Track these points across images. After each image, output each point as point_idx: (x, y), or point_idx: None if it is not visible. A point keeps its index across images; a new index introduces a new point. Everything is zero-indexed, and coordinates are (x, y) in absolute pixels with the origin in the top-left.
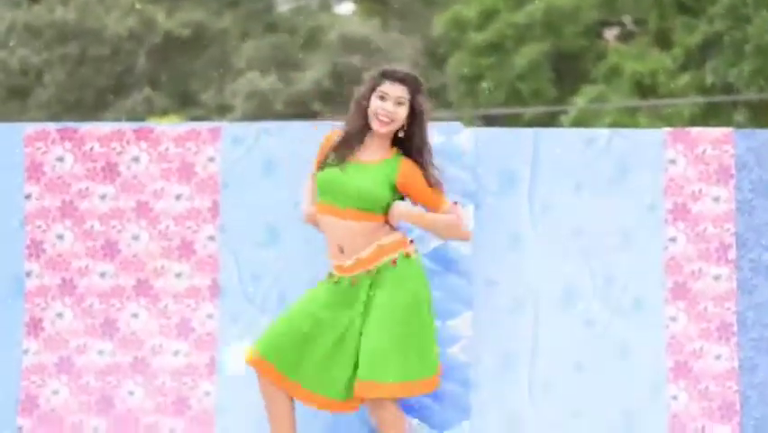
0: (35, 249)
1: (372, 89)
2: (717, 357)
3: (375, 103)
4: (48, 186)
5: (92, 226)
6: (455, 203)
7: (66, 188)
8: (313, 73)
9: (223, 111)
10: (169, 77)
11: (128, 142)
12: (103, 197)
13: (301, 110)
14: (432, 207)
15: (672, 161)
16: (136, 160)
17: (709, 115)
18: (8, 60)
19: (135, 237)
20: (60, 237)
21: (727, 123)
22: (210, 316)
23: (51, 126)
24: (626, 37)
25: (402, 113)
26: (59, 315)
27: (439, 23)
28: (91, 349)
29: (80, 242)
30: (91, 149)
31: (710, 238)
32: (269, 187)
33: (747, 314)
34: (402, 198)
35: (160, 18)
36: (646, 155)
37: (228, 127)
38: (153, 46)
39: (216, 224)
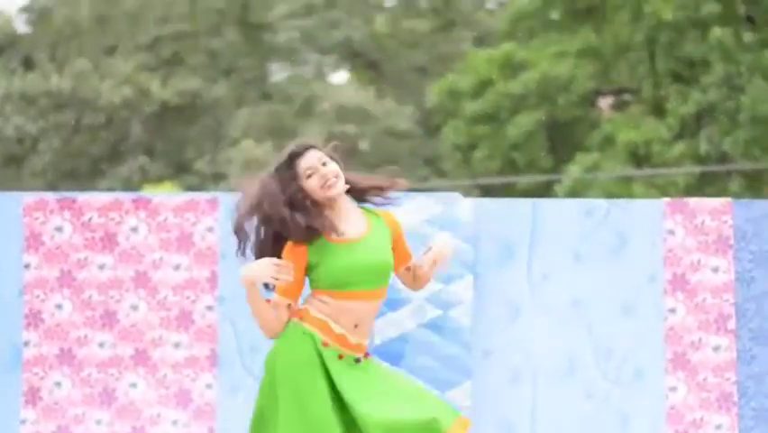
0: (33, 318)
1: (295, 180)
2: (718, 427)
3: (310, 183)
4: (47, 255)
5: (90, 296)
6: None
7: (65, 257)
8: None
9: (218, 179)
10: (163, 145)
11: (126, 212)
12: (101, 266)
13: None
14: (406, 258)
15: (671, 232)
16: (135, 230)
17: (704, 184)
18: (3, 128)
19: (134, 307)
20: (59, 307)
21: (723, 192)
22: (209, 386)
23: (50, 196)
24: (620, 106)
25: (334, 166)
26: (58, 384)
27: (433, 93)
28: (90, 419)
29: (79, 311)
30: (90, 219)
31: (710, 309)
32: None
33: (747, 384)
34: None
35: (154, 87)
36: (645, 226)
37: (225, 197)
38: (148, 115)
39: (215, 294)
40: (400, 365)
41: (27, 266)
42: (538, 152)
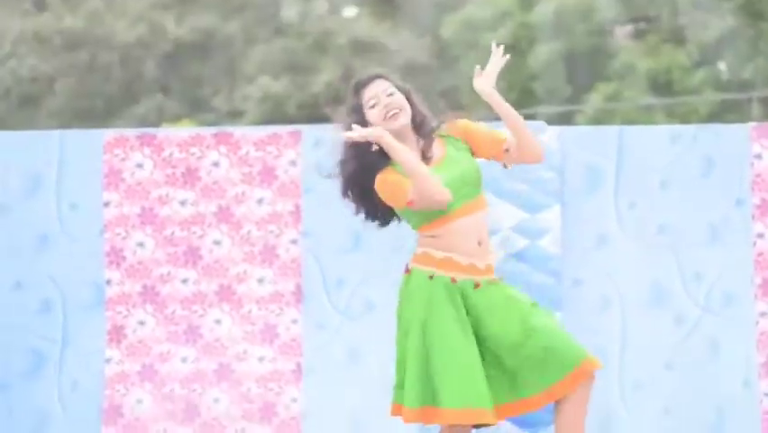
0: (115, 256)
1: (359, 111)
2: None
3: (373, 114)
4: (127, 193)
5: (173, 232)
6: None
7: (145, 194)
8: (324, 76)
9: (235, 116)
10: (179, 83)
11: (207, 147)
12: (183, 202)
13: (313, 113)
14: (498, 144)
15: (758, 156)
16: (216, 164)
17: (725, 111)
18: (18, 69)
19: (217, 242)
20: (141, 244)
21: (745, 118)
22: (295, 321)
23: (130, 133)
24: (638, 35)
25: (399, 97)
26: (141, 322)
27: (450, 25)
28: (175, 357)
29: (161, 248)
30: (170, 155)
31: None
32: None
33: None
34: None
35: (169, 25)
36: (732, 150)
37: (309, 130)
38: (163, 53)
39: (299, 228)
40: None
41: (107, 204)
42: (557, 82)
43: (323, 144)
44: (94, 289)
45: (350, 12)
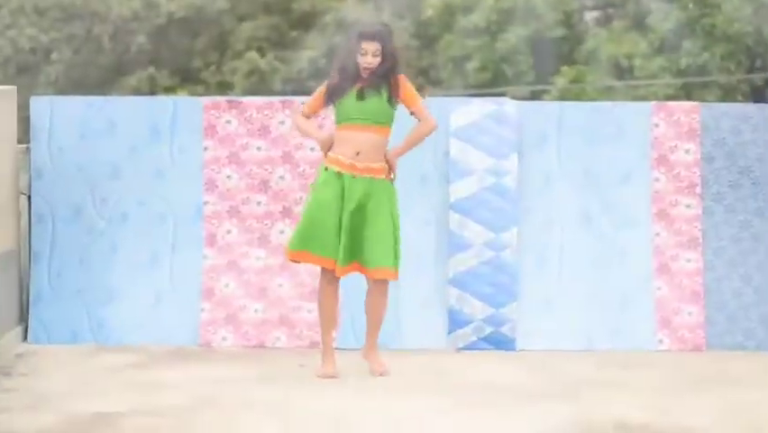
0: (210, 185)
1: (353, 51)
2: (688, 260)
3: (359, 59)
4: (220, 140)
5: (251, 170)
6: (425, 106)
7: (232, 142)
8: (309, 53)
9: (223, 87)
10: (170, 56)
11: (276, 110)
12: (258, 148)
13: (298, 87)
14: (411, 104)
15: (656, 125)
16: (282, 123)
17: (684, 96)
18: (17, 39)
19: (281, 177)
20: (228, 177)
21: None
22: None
23: (222, 99)
24: (605, 20)
25: (377, 61)
26: (228, 231)
27: (430, 7)
28: (251, 256)
29: (243, 180)
30: (250, 115)
31: (683, 178)
32: None
33: (709, 231)
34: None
35: (161, 0)
36: (637, 119)
37: None
38: (155, 27)
39: None
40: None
41: (206, 148)
42: (525, 65)
43: None
44: (195, 208)
45: None
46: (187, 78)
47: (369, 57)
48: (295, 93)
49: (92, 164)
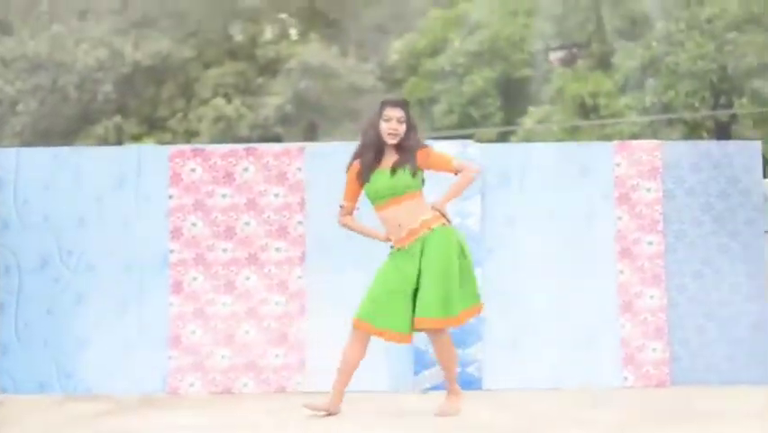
0: (176, 233)
1: (379, 116)
2: (652, 297)
3: (383, 125)
4: (185, 188)
5: (216, 217)
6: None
7: (197, 189)
8: (275, 98)
9: (190, 135)
10: (137, 104)
11: (240, 158)
12: (224, 195)
13: (265, 133)
14: (445, 167)
15: (618, 164)
16: (246, 169)
17: (650, 133)
18: None
19: (247, 223)
20: (194, 224)
21: (665, 139)
22: (300, 277)
23: (187, 147)
24: (570, 60)
25: (403, 129)
26: (194, 278)
27: (394, 52)
28: (218, 303)
29: (208, 228)
30: (215, 163)
31: (645, 216)
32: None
33: (672, 267)
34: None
35: (127, 50)
36: (600, 160)
37: (311, 147)
38: (121, 76)
39: (303, 213)
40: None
41: (171, 196)
42: (492, 108)
43: (319, 157)
44: (161, 256)
45: (297, 37)
46: (154, 126)
47: (393, 123)
48: (262, 138)
49: (58, 215)
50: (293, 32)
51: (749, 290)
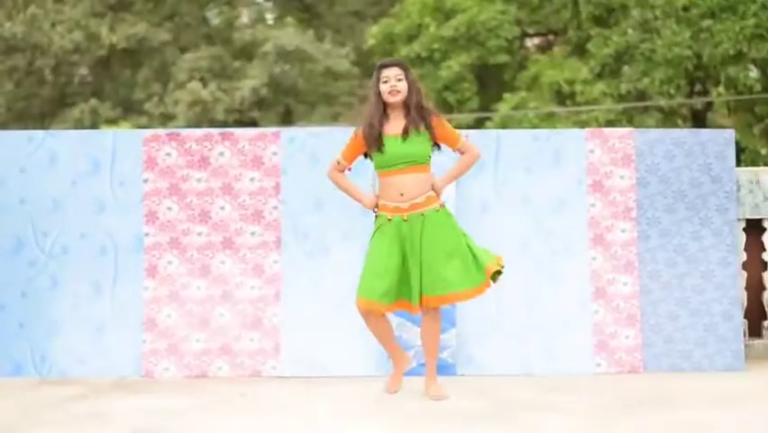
0: (151, 217)
1: (378, 80)
2: (625, 284)
3: (382, 87)
4: (160, 173)
5: (191, 201)
6: (466, 136)
7: (172, 174)
8: (251, 82)
9: (166, 119)
10: (112, 87)
11: (216, 142)
12: (199, 180)
13: (241, 117)
14: (452, 143)
15: (592, 151)
16: (222, 154)
17: (624, 121)
18: None
19: (222, 207)
20: (169, 208)
21: (641, 127)
22: (276, 261)
23: (162, 131)
24: (546, 47)
25: (403, 86)
26: (169, 262)
27: (371, 37)
28: (192, 286)
29: (183, 211)
30: (189, 147)
31: (618, 203)
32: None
33: (645, 255)
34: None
35: (103, 32)
36: (573, 147)
37: (286, 131)
38: (97, 59)
39: (279, 198)
40: None
41: (146, 180)
42: (468, 93)
43: (295, 142)
44: (136, 239)
45: (272, 19)
46: (129, 110)
47: (392, 81)
48: (238, 123)
49: (33, 198)
50: (269, 17)
51: (721, 278)
